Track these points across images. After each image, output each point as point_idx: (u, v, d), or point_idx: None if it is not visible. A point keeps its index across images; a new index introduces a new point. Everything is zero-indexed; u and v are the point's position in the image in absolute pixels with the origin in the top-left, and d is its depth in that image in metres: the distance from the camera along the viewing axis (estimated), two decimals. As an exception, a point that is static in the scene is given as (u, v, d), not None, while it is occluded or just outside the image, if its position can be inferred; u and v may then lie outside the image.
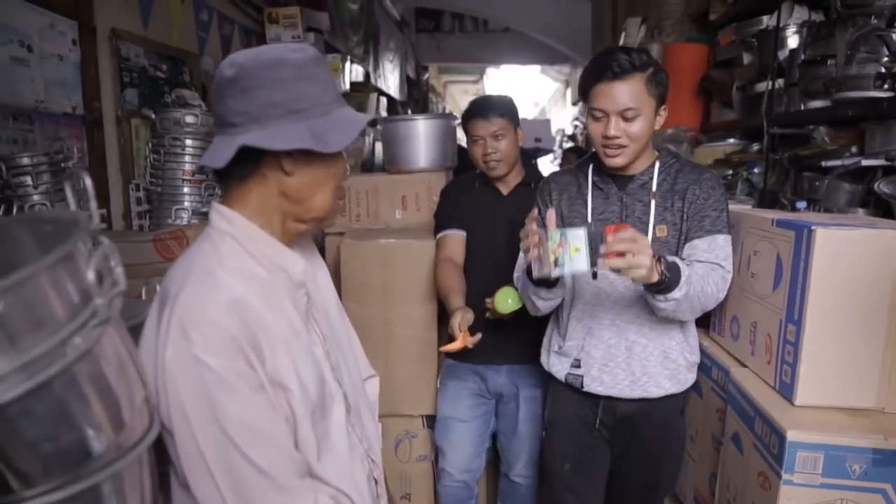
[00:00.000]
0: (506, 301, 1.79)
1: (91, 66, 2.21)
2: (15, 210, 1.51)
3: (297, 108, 0.89)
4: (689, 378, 1.61)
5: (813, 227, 1.30)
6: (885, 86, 1.73)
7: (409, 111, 8.21)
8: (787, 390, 1.38)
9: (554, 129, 13.89)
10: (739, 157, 2.64)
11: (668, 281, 1.35)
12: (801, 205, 2.13)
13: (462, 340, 1.73)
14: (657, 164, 1.56)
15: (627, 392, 1.57)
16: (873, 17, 1.77)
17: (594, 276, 1.54)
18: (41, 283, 0.64)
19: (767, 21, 2.58)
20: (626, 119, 1.44)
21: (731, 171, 2.76)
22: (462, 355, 1.85)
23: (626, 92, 1.42)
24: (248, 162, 0.92)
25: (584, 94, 1.51)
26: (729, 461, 1.52)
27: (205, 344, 0.80)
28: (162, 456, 0.88)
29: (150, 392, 0.83)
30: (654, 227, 1.52)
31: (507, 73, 14.02)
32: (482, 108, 2.01)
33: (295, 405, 0.90)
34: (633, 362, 1.56)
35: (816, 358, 1.33)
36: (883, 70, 1.72)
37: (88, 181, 0.74)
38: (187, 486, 0.87)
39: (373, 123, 0.96)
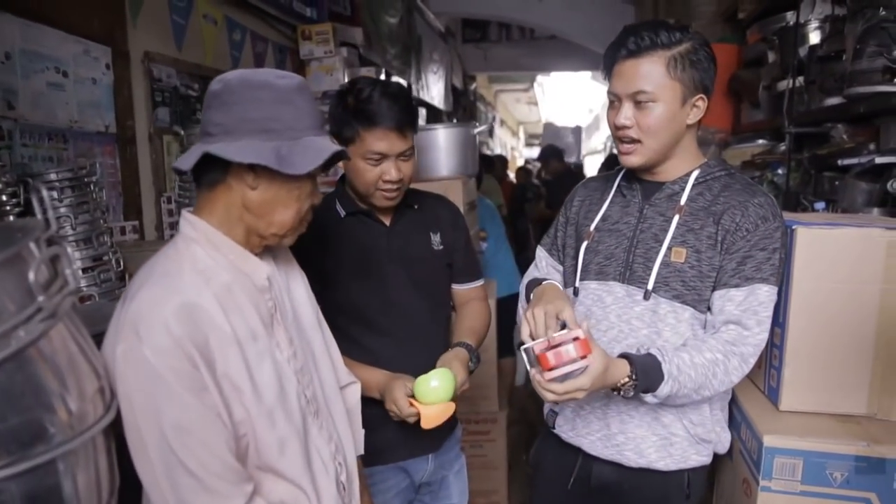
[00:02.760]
0: (428, 386, 1.33)
1: (124, 87, 2.37)
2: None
3: (268, 128, 0.95)
4: (690, 456, 1.26)
5: (794, 227, 1.27)
6: (895, 80, 1.67)
7: (455, 121, 8.30)
8: (773, 395, 1.35)
9: (605, 135, 13.70)
10: (763, 158, 2.57)
11: (638, 386, 1.13)
12: (820, 205, 2.06)
13: (439, 409, 1.34)
14: (695, 174, 1.26)
15: (600, 448, 1.30)
16: (882, 8, 1.70)
17: None
18: (-11, 281, 0.72)
19: (790, 17, 2.51)
20: (638, 105, 1.19)
21: (758, 174, 2.69)
22: (383, 454, 1.46)
23: (638, 72, 1.16)
24: (217, 171, 0.98)
25: (607, 77, 1.26)
26: (722, 468, 1.49)
27: (151, 344, 0.87)
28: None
29: (109, 381, 0.91)
30: (667, 248, 1.23)
31: (557, 80, 13.96)
32: (396, 114, 1.35)
33: (248, 405, 0.96)
34: (609, 413, 1.28)
35: (801, 361, 1.29)
36: (891, 64, 1.65)
37: (45, 192, 0.82)
38: None
39: (342, 155, 0.99)
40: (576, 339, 1.06)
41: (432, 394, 1.33)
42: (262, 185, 0.98)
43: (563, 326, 1.15)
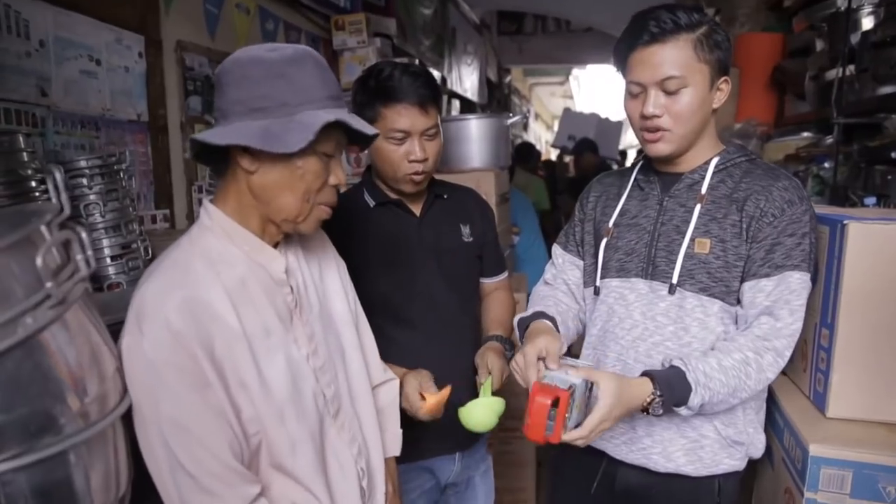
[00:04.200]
0: (481, 417, 1.31)
1: (157, 76, 2.37)
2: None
3: (258, 107, 0.90)
4: (722, 460, 1.19)
5: (845, 222, 1.19)
6: (958, 67, 1.55)
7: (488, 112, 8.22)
8: (820, 401, 1.27)
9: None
10: (808, 151, 2.45)
11: (665, 401, 1.06)
12: (870, 201, 1.95)
13: (437, 397, 1.29)
14: (714, 161, 1.21)
15: (625, 452, 1.24)
16: (945, -9, 1.59)
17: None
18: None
19: (841, 3, 2.39)
20: (667, 92, 1.12)
21: (802, 167, 2.57)
22: (408, 453, 1.34)
23: (666, 57, 1.11)
24: (220, 158, 0.95)
25: (622, 67, 1.19)
26: (761, 475, 1.42)
27: (151, 338, 0.84)
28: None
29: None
30: (690, 240, 1.17)
31: (593, 73, 13.74)
32: (417, 89, 1.32)
33: (257, 403, 0.92)
34: (636, 414, 1.18)
35: (851, 366, 1.21)
36: (954, 49, 1.54)
37: (59, 175, 0.80)
38: None
39: (356, 132, 0.96)
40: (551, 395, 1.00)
41: (475, 419, 1.30)
42: (262, 169, 0.93)
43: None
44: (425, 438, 1.43)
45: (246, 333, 0.92)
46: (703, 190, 1.19)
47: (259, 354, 0.93)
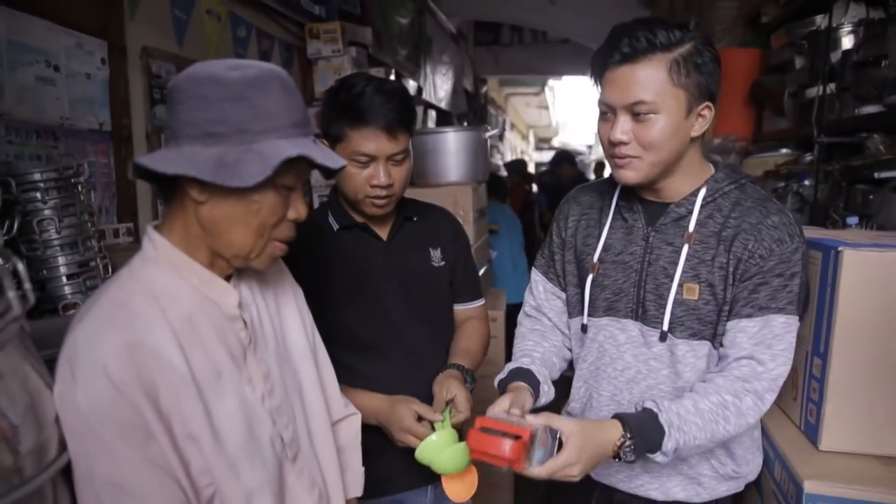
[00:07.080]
0: (454, 461, 1.20)
1: (120, 83, 2.27)
2: (17, 225, 1.54)
3: (212, 132, 0.82)
4: (717, 489, 1.18)
5: (840, 248, 1.15)
6: (943, 88, 1.54)
7: (465, 124, 8.18)
8: (812, 432, 1.22)
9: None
10: (789, 168, 2.43)
11: (637, 446, 1.01)
12: (852, 220, 1.93)
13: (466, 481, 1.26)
14: (702, 192, 1.12)
15: (624, 485, 1.22)
16: (929, 11, 1.57)
17: None
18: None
19: (821, 21, 2.38)
20: (636, 117, 1.05)
21: (782, 184, 2.56)
22: (379, 487, 1.32)
23: (637, 79, 1.02)
24: (167, 183, 0.87)
25: (598, 84, 1.12)
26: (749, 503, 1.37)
27: (85, 388, 0.75)
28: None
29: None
30: (679, 285, 1.11)
31: (568, 84, 13.84)
32: (387, 113, 1.25)
33: (208, 455, 0.84)
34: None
35: (845, 396, 1.17)
36: (939, 70, 1.52)
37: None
38: None
39: (317, 165, 0.89)
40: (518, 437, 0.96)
41: (458, 462, 1.21)
42: (212, 200, 0.84)
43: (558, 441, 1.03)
44: (395, 471, 1.36)
45: (195, 378, 0.83)
46: (691, 227, 1.12)
47: (209, 401, 0.85)
